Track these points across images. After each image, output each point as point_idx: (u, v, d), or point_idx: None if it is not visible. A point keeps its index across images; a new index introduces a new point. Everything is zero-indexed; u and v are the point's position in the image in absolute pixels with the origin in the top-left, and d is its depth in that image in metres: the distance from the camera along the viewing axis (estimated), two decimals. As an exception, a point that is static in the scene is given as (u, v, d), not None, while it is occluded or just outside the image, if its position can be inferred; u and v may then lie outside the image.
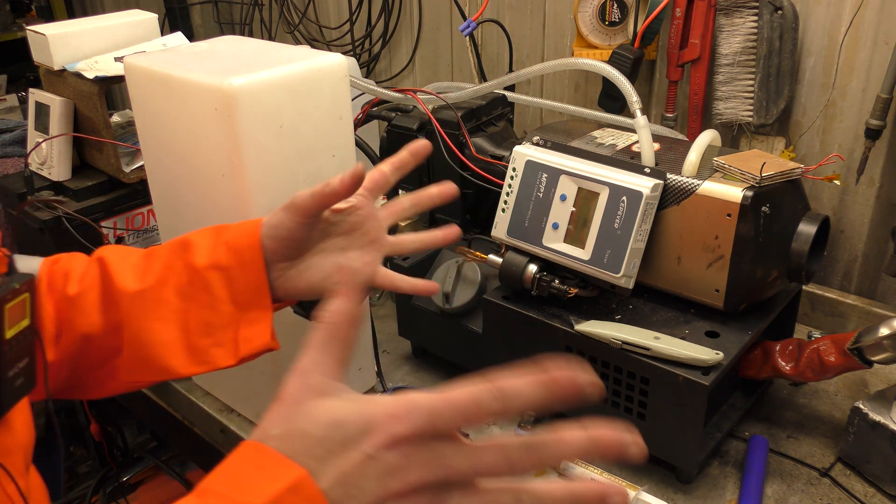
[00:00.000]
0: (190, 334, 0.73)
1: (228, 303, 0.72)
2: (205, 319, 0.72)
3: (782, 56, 1.14)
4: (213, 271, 0.72)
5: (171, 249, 0.75)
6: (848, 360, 0.86)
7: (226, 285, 0.72)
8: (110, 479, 1.91)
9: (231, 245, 0.72)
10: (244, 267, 0.72)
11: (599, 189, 0.90)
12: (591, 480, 0.50)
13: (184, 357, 0.73)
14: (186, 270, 0.73)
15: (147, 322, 0.73)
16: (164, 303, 0.73)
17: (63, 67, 1.29)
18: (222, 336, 0.72)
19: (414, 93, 1.17)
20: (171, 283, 0.73)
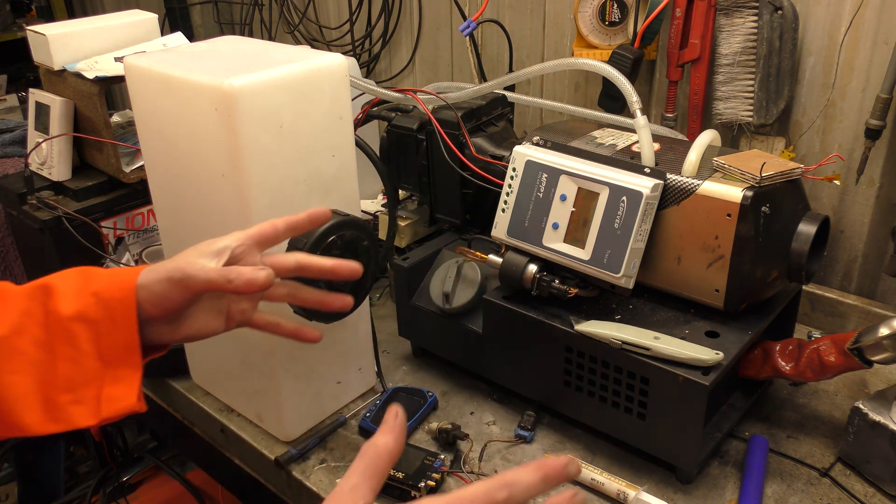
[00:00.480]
0: (48, 389, 0.66)
1: (94, 358, 0.67)
2: (65, 374, 0.66)
3: (782, 56, 1.14)
4: (79, 323, 0.66)
5: (30, 293, 0.68)
6: (848, 360, 0.86)
7: (92, 339, 0.66)
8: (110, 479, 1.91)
9: (101, 297, 0.67)
10: (114, 322, 0.66)
11: (599, 189, 0.90)
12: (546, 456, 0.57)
13: (39, 413, 0.67)
14: (47, 319, 0.66)
15: (1, 375, 0.66)
16: (19, 354, 0.66)
17: (63, 67, 1.29)
18: (84, 393, 0.67)
19: (414, 93, 1.17)
20: (29, 332, 0.66)
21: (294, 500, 0.98)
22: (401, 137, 1.18)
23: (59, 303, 0.67)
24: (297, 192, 0.88)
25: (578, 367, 0.92)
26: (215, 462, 1.12)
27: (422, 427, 1.01)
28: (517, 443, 0.97)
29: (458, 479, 0.91)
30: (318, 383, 1.00)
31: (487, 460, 0.95)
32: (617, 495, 0.87)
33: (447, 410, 1.04)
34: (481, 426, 1.01)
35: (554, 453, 0.94)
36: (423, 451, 0.92)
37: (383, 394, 1.05)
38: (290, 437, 1.00)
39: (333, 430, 1.01)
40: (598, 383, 0.91)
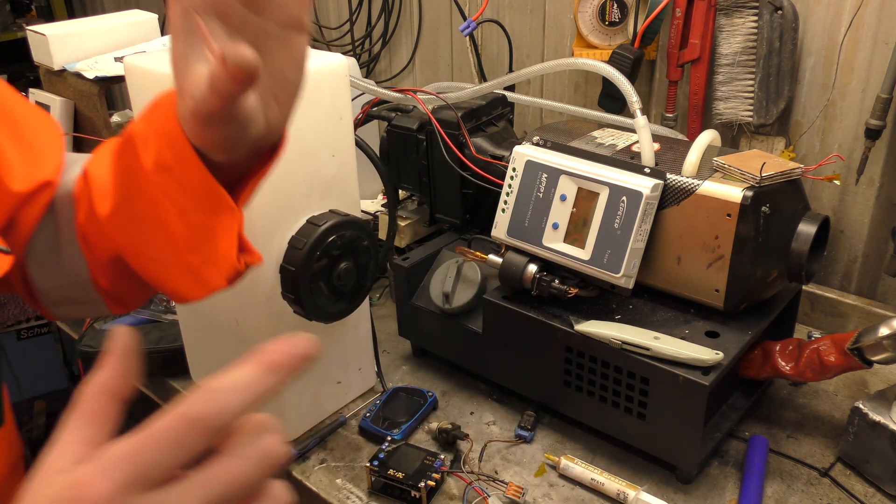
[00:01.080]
0: (178, 252, 0.60)
1: (194, 210, 0.58)
2: (182, 233, 0.59)
3: (782, 56, 1.14)
4: (162, 176, 0.57)
5: (121, 150, 0.60)
6: (848, 360, 0.86)
7: (180, 189, 0.57)
8: (110, 479, 1.91)
9: (162, 134, 0.56)
10: (183, 163, 0.56)
11: (599, 189, 0.90)
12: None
13: (188, 282, 0.61)
14: (141, 179, 0.58)
15: (136, 246, 0.61)
16: (143, 220, 0.60)
17: (63, 67, 1.29)
18: (208, 252, 0.59)
19: (414, 93, 1.17)
20: (136, 197, 0.59)
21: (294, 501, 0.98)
22: (401, 137, 1.18)
23: (143, 156, 0.57)
24: (297, 192, 0.88)
25: (578, 367, 0.92)
26: (215, 462, 1.12)
27: (422, 427, 1.01)
28: (517, 443, 0.97)
29: (457, 479, 0.91)
30: (318, 383, 1.00)
31: (487, 460, 0.95)
32: (617, 495, 0.87)
33: (447, 410, 1.04)
34: (481, 426, 1.01)
35: (554, 453, 0.94)
36: (423, 451, 0.92)
37: (383, 394, 1.05)
38: (290, 437, 1.00)
39: (333, 430, 1.01)
40: (598, 383, 0.91)
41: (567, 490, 0.90)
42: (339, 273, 0.90)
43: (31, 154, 0.66)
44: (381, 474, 0.89)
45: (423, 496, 0.87)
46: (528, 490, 0.89)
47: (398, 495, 0.89)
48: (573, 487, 0.90)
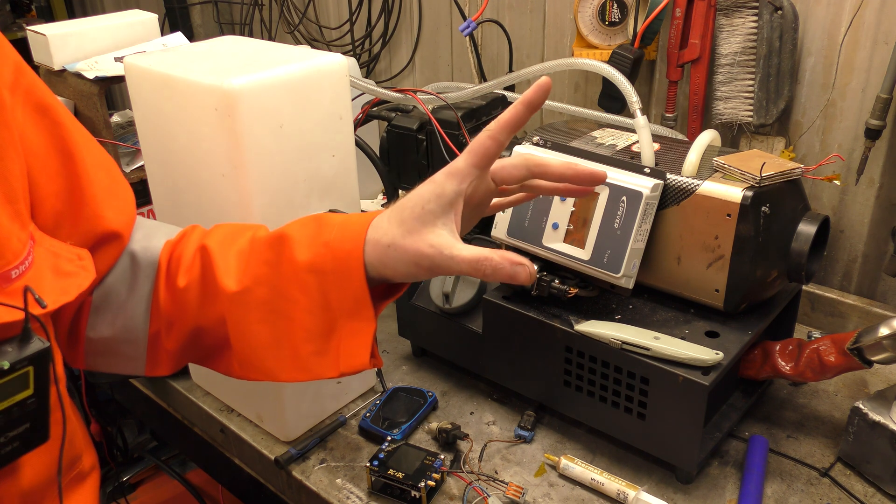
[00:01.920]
0: (291, 339, 0.67)
1: (326, 309, 0.66)
2: (304, 324, 0.66)
3: (782, 56, 1.14)
4: (311, 273, 0.65)
5: (271, 243, 0.68)
6: (848, 360, 0.86)
7: (321, 290, 0.65)
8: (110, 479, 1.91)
9: (331, 247, 0.65)
10: (343, 275, 0.65)
11: (599, 189, 0.90)
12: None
13: (287, 362, 0.68)
14: (286, 269, 0.66)
15: (248, 324, 0.68)
16: (265, 304, 0.67)
17: (63, 67, 1.29)
18: (325, 345, 0.67)
19: (414, 93, 1.17)
20: (271, 282, 0.67)
21: (294, 500, 0.98)
22: (401, 137, 1.18)
23: (295, 251, 0.65)
24: (297, 192, 0.88)
25: (578, 367, 0.92)
26: (215, 462, 1.12)
27: (422, 427, 1.01)
28: (517, 443, 0.97)
29: (457, 479, 0.91)
30: (317, 383, 1.00)
31: (487, 460, 0.95)
32: (617, 495, 0.87)
33: (447, 410, 1.04)
34: (481, 426, 1.01)
35: (554, 453, 0.94)
36: (423, 451, 0.92)
37: (383, 394, 1.05)
38: (290, 437, 1.00)
39: (333, 430, 1.01)
40: (598, 383, 0.91)
41: (567, 490, 0.90)
42: (339, 273, 0.90)
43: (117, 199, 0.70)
44: (381, 474, 0.89)
45: (423, 496, 0.87)
46: (528, 490, 0.89)
47: (398, 495, 0.89)
48: (573, 487, 0.90)
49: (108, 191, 0.68)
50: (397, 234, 0.63)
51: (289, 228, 0.68)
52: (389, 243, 0.63)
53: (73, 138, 0.65)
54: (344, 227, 0.66)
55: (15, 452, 0.57)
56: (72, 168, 0.64)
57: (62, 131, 0.64)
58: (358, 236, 0.64)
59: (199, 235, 0.73)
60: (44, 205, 0.62)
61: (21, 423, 0.56)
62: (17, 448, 0.57)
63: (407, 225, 0.63)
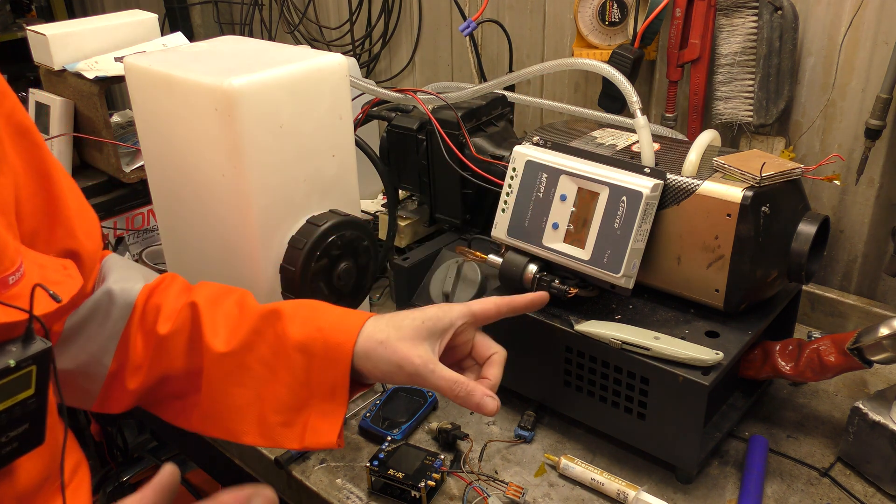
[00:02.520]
0: (263, 406, 0.72)
1: (305, 386, 0.71)
2: (280, 396, 0.72)
3: (782, 56, 1.14)
4: (300, 352, 0.71)
5: (264, 315, 0.73)
6: (848, 360, 0.86)
7: (306, 370, 0.71)
8: (110, 479, 1.91)
9: (324, 332, 0.71)
10: (329, 362, 0.70)
11: (599, 189, 0.90)
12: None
13: (253, 427, 0.72)
14: (275, 341, 0.72)
15: (226, 385, 0.72)
16: (247, 369, 0.72)
17: (63, 67, 1.29)
18: (293, 418, 0.72)
19: (414, 93, 1.17)
20: (258, 350, 0.72)
21: (294, 500, 0.98)
22: (401, 137, 1.18)
23: (288, 327, 0.71)
24: (297, 192, 0.88)
25: (578, 367, 0.92)
26: (215, 462, 1.12)
27: (422, 427, 1.01)
28: (517, 443, 0.97)
29: (457, 479, 0.91)
30: (318, 383, 1.00)
31: (487, 460, 0.95)
32: (617, 495, 0.87)
33: (447, 410, 1.04)
34: (481, 426, 1.01)
35: (554, 453, 0.94)
36: (423, 451, 0.92)
37: (383, 394, 1.05)
38: (290, 437, 0.99)
39: (333, 430, 1.01)
40: (598, 383, 0.91)
41: (567, 490, 0.90)
42: (339, 273, 0.90)
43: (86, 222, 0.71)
44: (381, 474, 0.89)
45: (423, 496, 0.87)
46: (528, 490, 0.89)
47: (398, 495, 0.89)
48: (573, 487, 0.90)
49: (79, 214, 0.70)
50: (392, 335, 0.70)
51: (283, 305, 0.73)
52: (383, 340, 0.70)
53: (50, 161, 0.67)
54: (341, 318, 0.72)
55: (14, 453, 0.58)
56: (49, 189, 0.67)
57: (41, 153, 0.66)
58: (353, 329, 0.71)
59: (182, 287, 0.77)
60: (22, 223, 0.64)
61: (21, 423, 0.57)
62: (15, 449, 0.58)
63: (403, 331, 0.70)
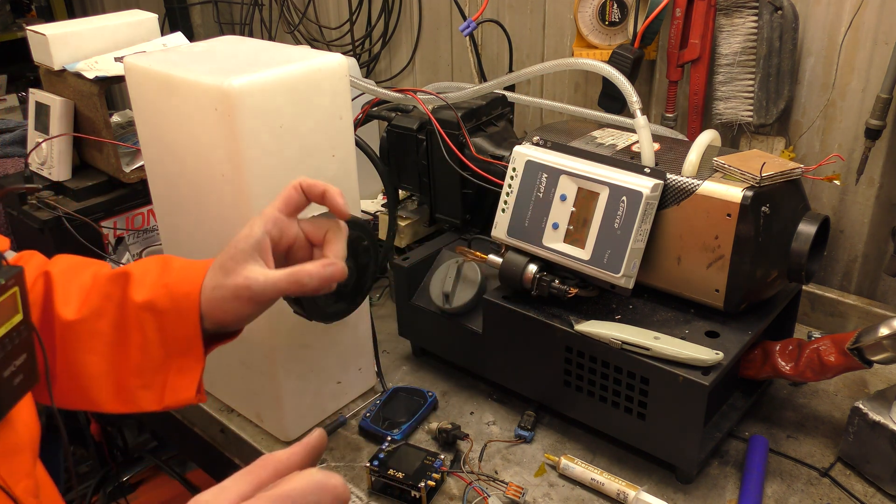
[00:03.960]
0: (119, 371, 0.71)
1: (159, 346, 0.70)
2: (135, 359, 0.71)
3: (782, 56, 1.14)
4: (148, 312, 0.70)
5: (113, 279, 0.72)
6: (848, 360, 0.86)
7: (158, 328, 0.70)
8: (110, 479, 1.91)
9: (170, 289, 0.70)
10: (178, 315, 0.69)
11: (599, 189, 0.90)
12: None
13: (110, 393, 0.72)
14: (123, 305, 0.71)
15: (80, 353, 0.71)
16: (98, 335, 0.71)
17: (63, 67, 1.29)
18: (151, 379, 0.71)
19: (414, 93, 1.17)
20: (108, 315, 0.71)
21: (294, 500, 0.98)
22: (401, 137, 1.18)
23: (134, 290, 0.70)
24: (297, 192, 0.88)
25: (578, 367, 0.92)
26: (215, 462, 1.12)
27: (422, 427, 1.01)
28: (517, 443, 0.97)
29: (457, 479, 0.91)
30: (318, 383, 1.00)
31: (487, 460, 0.95)
32: (617, 495, 0.87)
33: (447, 410, 1.04)
34: (481, 426, 1.01)
35: (554, 453, 0.94)
36: (423, 451, 0.92)
37: (383, 394, 1.05)
38: (290, 437, 1.00)
39: (333, 430, 1.01)
40: (598, 383, 0.91)
41: (567, 490, 0.90)
42: (338, 273, 0.90)
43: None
44: (381, 474, 0.89)
45: (423, 496, 0.87)
46: (528, 490, 0.89)
47: (398, 495, 0.89)
48: (573, 487, 0.90)
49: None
50: (219, 276, 0.69)
51: (132, 267, 0.73)
52: (214, 286, 0.69)
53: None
54: (183, 270, 0.72)
55: (22, 386, 0.58)
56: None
57: None
58: (196, 279, 0.70)
59: (40, 262, 0.76)
60: None
61: (21, 351, 0.57)
62: (22, 381, 0.58)
63: (226, 267, 0.69)
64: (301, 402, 0.99)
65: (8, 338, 0.55)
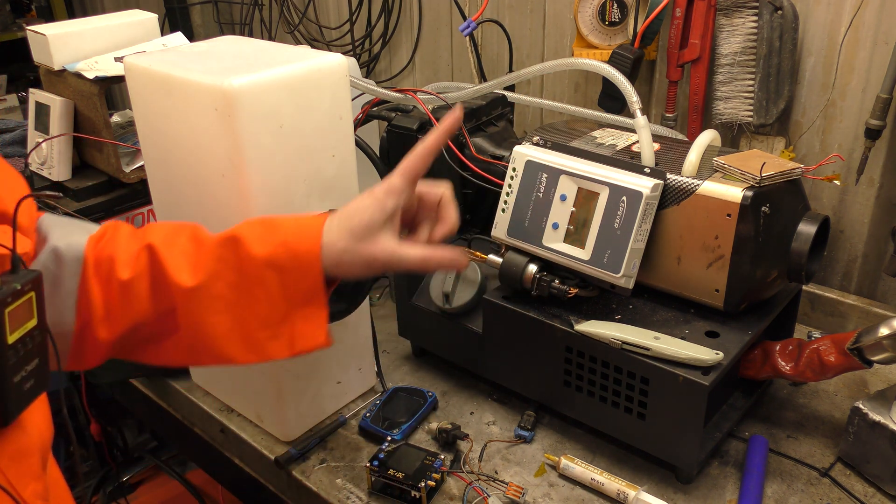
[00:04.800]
0: (245, 326, 0.75)
1: (282, 300, 0.74)
2: (260, 313, 0.74)
3: (782, 56, 1.14)
4: (269, 269, 0.73)
5: (222, 243, 0.74)
6: (848, 360, 0.86)
7: (280, 284, 0.73)
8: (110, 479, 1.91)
9: (289, 246, 0.73)
10: (301, 272, 0.73)
11: (599, 189, 0.90)
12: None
13: (240, 347, 0.75)
14: (241, 264, 0.73)
15: (203, 316, 0.74)
16: (219, 297, 0.74)
17: (63, 67, 1.29)
18: (278, 330, 0.75)
19: (414, 93, 1.17)
20: (224, 277, 0.74)
21: (294, 500, 0.98)
22: (401, 137, 1.18)
23: (251, 248, 0.73)
24: (297, 192, 0.88)
25: (578, 367, 0.92)
26: (215, 462, 1.12)
27: (422, 427, 1.01)
28: (517, 443, 0.97)
29: (457, 479, 0.91)
30: (318, 383, 1.00)
31: (487, 460, 0.95)
32: (617, 495, 0.87)
33: (447, 410, 1.04)
34: (481, 426, 1.01)
35: (554, 453, 0.94)
36: (423, 451, 0.92)
37: (383, 394, 1.05)
38: (290, 437, 1.00)
39: (333, 430, 1.01)
40: (598, 383, 0.91)
41: (567, 490, 0.90)
42: (339, 273, 0.90)
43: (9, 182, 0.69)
44: (381, 474, 0.89)
45: (423, 496, 0.87)
46: (528, 490, 0.89)
47: (398, 495, 0.89)
48: (573, 487, 0.90)
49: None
50: (350, 240, 0.73)
51: (238, 229, 0.75)
52: (345, 248, 0.73)
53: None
54: (297, 228, 0.75)
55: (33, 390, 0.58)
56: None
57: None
58: (314, 236, 0.73)
59: (130, 232, 0.77)
60: None
61: (33, 356, 0.57)
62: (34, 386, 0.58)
63: (357, 233, 0.74)
64: (301, 402, 0.99)
65: (21, 342, 0.56)
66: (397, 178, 0.76)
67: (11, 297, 0.54)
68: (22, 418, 0.59)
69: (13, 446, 0.59)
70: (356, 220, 0.74)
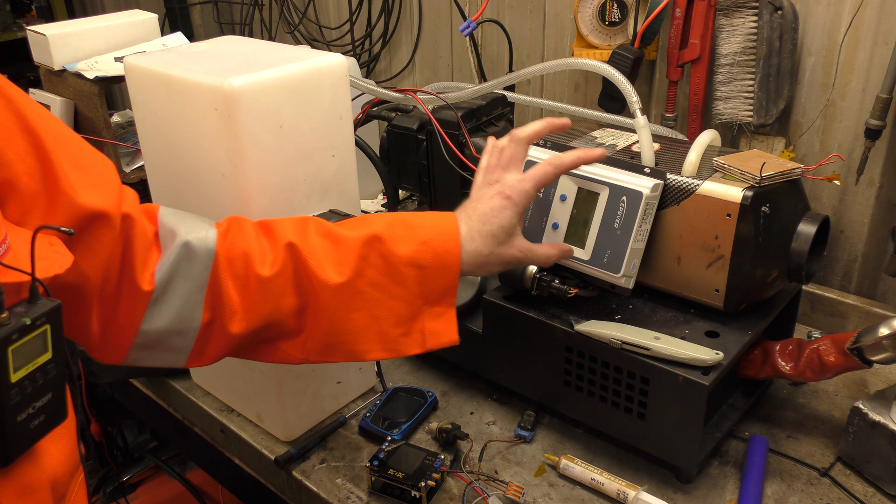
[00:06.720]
0: (381, 323, 0.77)
1: (419, 297, 0.77)
2: (397, 311, 0.77)
3: (782, 56, 1.14)
4: (411, 268, 0.76)
5: (365, 241, 0.76)
6: (848, 360, 0.86)
7: (419, 282, 0.76)
8: (110, 479, 1.91)
9: (430, 245, 0.77)
10: (442, 269, 0.77)
11: (599, 189, 0.90)
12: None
13: (375, 344, 0.77)
14: (384, 262, 0.76)
15: (348, 312, 0.76)
16: (361, 293, 0.76)
17: (63, 67, 1.29)
18: (410, 327, 0.78)
19: (414, 93, 1.17)
20: (366, 275, 0.76)
21: (294, 500, 0.98)
22: (401, 137, 1.18)
23: (394, 247, 0.76)
24: (297, 192, 0.88)
25: (578, 367, 0.92)
26: (215, 462, 1.12)
27: (422, 427, 1.01)
28: (517, 443, 0.97)
29: (457, 479, 0.91)
30: (318, 383, 1.00)
31: (487, 460, 0.95)
32: (617, 495, 0.87)
33: (447, 410, 1.04)
34: (481, 426, 1.01)
35: (554, 453, 0.94)
36: (424, 451, 0.92)
37: (383, 394, 1.05)
38: (290, 437, 1.00)
39: (333, 429, 1.01)
40: (598, 383, 0.91)
41: (567, 490, 0.90)
42: (339, 273, 0.90)
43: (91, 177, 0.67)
44: (381, 474, 0.89)
45: (423, 496, 0.87)
46: (528, 490, 0.89)
47: (398, 495, 0.89)
48: (573, 487, 0.90)
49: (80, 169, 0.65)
50: (492, 244, 0.80)
51: (377, 228, 0.77)
52: (490, 252, 0.80)
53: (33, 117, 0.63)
54: (435, 228, 0.78)
55: (43, 427, 0.56)
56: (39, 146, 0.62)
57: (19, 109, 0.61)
58: (453, 237, 0.78)
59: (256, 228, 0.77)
60: (18, 183, 0.60)
61: (44, 391, 0.55)
62: (43, 422, 0.56)
63: (499, 238, 0.80)
64: (301, 402, 0.99)
65: (29, 379, 0.53)
66: (530, 186, 0.82)
67: (18, 333, 0.51)
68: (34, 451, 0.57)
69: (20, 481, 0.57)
70: (496, 225, 0.80)
